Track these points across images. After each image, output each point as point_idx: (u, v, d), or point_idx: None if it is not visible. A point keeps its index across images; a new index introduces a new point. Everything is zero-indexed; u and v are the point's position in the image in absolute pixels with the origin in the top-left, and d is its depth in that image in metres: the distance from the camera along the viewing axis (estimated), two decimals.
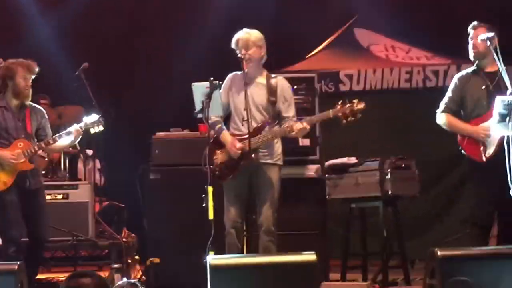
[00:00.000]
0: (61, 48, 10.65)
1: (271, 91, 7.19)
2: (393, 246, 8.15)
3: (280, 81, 7.29)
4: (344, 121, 7.03)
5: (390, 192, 7.88)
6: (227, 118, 7.36)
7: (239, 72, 7.21)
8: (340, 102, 7.06)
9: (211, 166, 6.90)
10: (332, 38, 11.01)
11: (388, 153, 8.23)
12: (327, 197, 8.38)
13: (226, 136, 7.17)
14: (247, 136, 7.00)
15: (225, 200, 7.16)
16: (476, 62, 7.18)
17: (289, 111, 7.24)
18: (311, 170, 8.47)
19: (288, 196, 7.86)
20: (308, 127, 7.07)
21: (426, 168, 8.71)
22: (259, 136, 7.06)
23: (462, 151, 7.15)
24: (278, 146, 7.22)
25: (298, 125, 7.03)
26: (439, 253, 5.57)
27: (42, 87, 9.67)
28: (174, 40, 10.79)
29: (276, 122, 7.24)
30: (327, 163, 8.42)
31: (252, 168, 7.08)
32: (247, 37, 7.18)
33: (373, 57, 10.71)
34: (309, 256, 5.60)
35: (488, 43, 6.96)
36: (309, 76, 8.81)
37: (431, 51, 10.64)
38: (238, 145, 7.06)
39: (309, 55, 10.83)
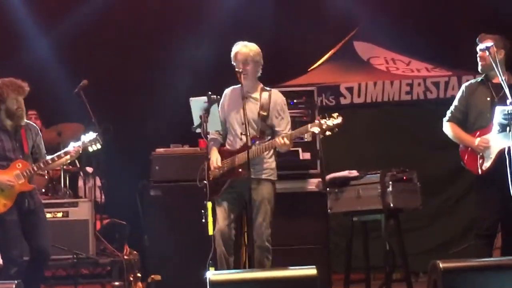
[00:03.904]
0: (60, 65, 10.62)
1: (263, 105, 7.07)
2: (396, 259, 8.08)
3: (274, 95, 7.16)
4: (322, 136, 6.94)
5: (391, 205, 7.81)
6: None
7: (236, 86, 7.13)
8: (319, 116, 6.96)
9: (204, 182, 6.84)
10: (332, 51, 10.99)
11: (389, 165, 8.16)
12: (329, 210, 8.32)
13: (212, 153, 7.08)
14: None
15: (217, 214, 7.04)
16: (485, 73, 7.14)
17: (281, 125, 7.11)
18: (312, 184, 8.43)
19: (289, 211, 7.81)
20: (288, 142, 6.89)
21: (428, 180, 8.65)
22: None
23: (462, 163, 7.11)
24: (271, 162, 7.10)
25: (279, 141, 6.89)
26: (441, 265, 5.49)
27: (41, 105, 9.71)
28: (173, 54, 10.76)
29: (269, 137, 7.08)
30: (328, 177, 8.35)
31: (243, 184, 6.90)
32: (247, 52, 7.06)
33: (374, 70, 10.66)
34: (310, 271, 5.53)
35: (487, 53, 6.89)
36: (309, 89, 8.78)
37: (432, 63, 10.60)
38: (215, 165, 6.98)
39: (309, 69, 10.80)
